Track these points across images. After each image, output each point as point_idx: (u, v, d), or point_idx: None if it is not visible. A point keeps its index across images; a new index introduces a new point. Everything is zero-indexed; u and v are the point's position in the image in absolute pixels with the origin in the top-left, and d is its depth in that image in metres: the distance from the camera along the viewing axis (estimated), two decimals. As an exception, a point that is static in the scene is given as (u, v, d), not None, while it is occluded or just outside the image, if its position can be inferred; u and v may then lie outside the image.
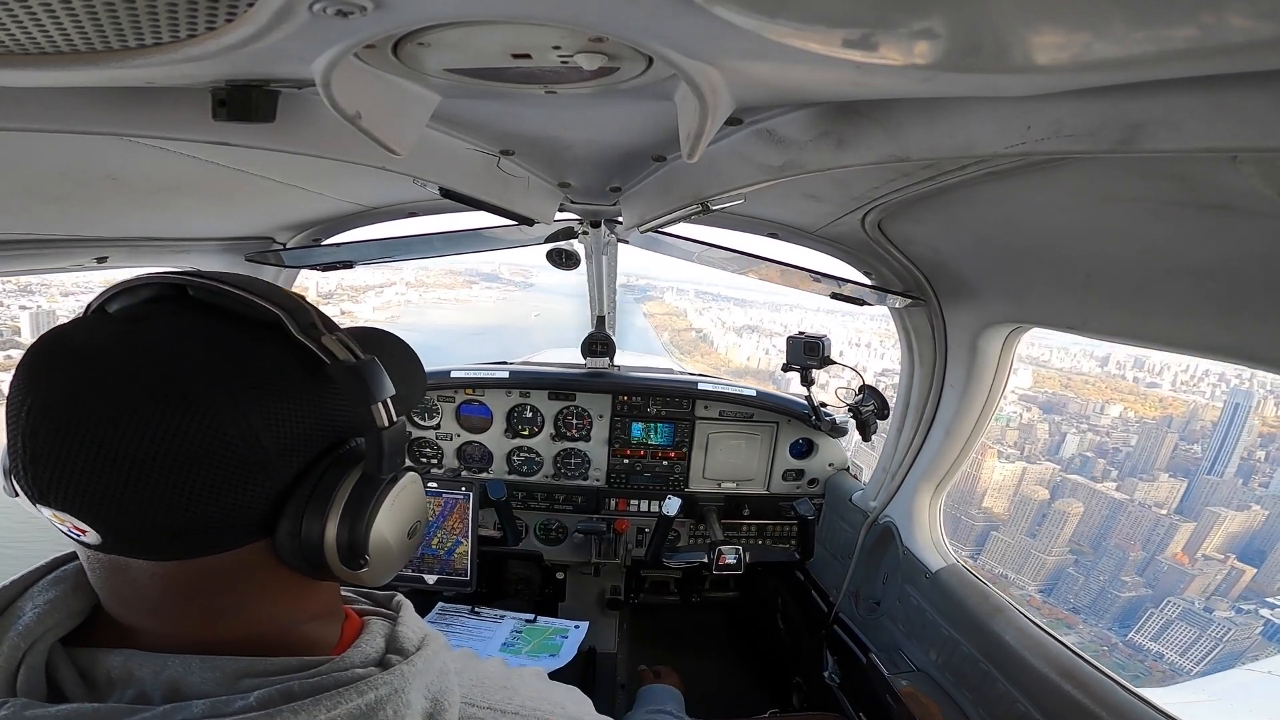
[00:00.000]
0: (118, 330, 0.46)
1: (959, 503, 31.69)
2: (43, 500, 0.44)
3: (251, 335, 0.49)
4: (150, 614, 0.49)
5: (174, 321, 0.48)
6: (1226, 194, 0.78)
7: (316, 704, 0.44)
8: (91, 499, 0.43)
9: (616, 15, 0.53)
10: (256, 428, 0.46)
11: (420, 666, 0.51)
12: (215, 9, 0.50)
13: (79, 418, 0.43)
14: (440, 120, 1.07)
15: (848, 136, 0.86)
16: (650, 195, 1.52)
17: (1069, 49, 0.46)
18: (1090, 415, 36.46)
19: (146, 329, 0.46)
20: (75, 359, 0.44)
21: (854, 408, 2.15)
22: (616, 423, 2.58)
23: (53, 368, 0.44)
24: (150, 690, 0.46)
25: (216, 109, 0.75)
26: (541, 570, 2.62)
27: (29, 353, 0.46)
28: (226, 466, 0.45)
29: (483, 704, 0.58)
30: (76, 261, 1.45)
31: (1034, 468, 32.15)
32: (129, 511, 0.44)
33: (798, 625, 2.57)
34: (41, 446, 0.43)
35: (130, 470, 0.43)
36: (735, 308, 62.00)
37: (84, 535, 0.45)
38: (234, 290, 0.49)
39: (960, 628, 1.66)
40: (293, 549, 0.49)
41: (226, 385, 0.45)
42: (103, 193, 1.22)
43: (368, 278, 54.58)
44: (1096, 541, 30.04)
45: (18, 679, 0.46)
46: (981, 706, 1.54)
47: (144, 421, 0.43)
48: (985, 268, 1.47)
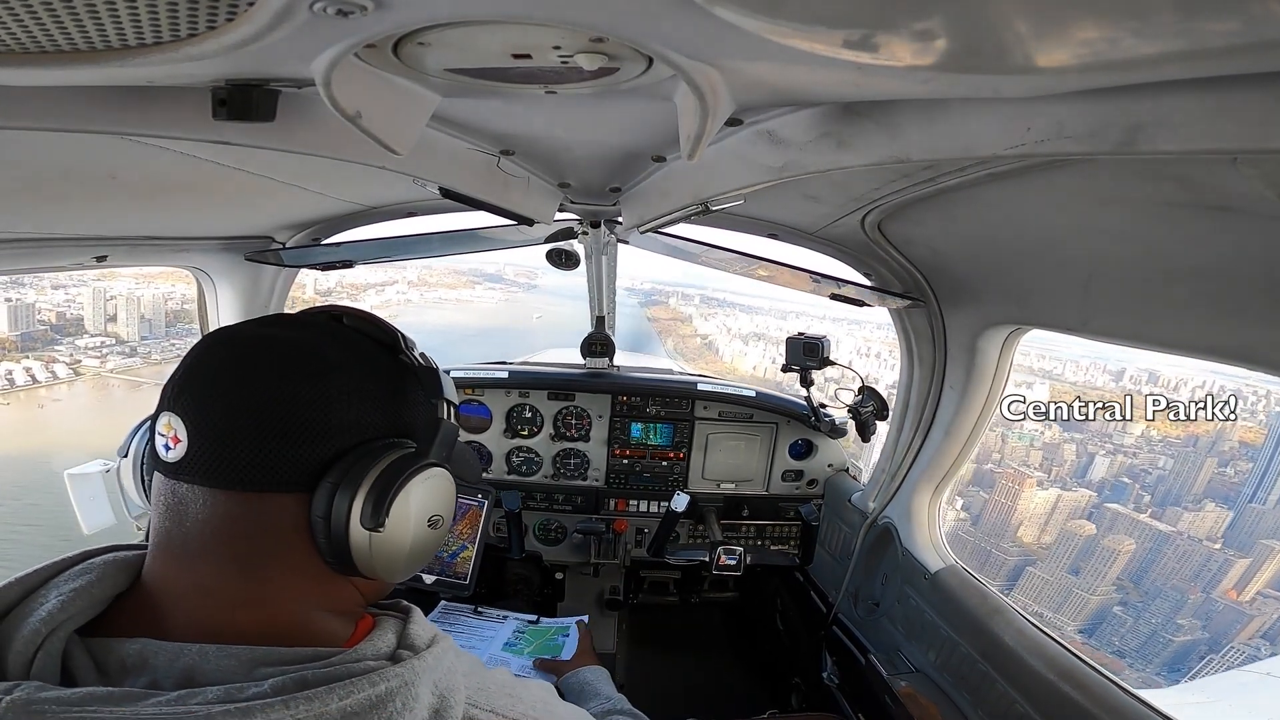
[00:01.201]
0: (284, 326, 0.62)
1: (990, 535, 29.31)
2: (169, 407, 0.55)
3: (376, 344, 0.64)
4: (192, 565, 0.55)
5: (327, 327, 0.63)
6: (1227, 195, 0.78)
7: (330, 692, 0.46)
8: (203, 404, 0.54)
9: (617, 15, 0.53)
10: (354, 402, 0.58)
11: (430, 663, 0.53)
12: (216, 8, 0.50)
13: (231, 365, 0.56)
14: (440, 120, 1.07)
15: (848, 137, 0.86)
16: (650, 195, 1.52)
17: (1069, 50, 0.46)
18: (1113, 434, 33.46)
19: (307, 331, 0.61)
20: (248, 333, 0.59)
21: (853, 408, 2.15)
22: (616, 423, 2.57)
23: (227, 337, 0.59)
24: (163, 678, 0.48)
25: (217, 108, 0.75)
26: (541, 570, 2.62)
27: (208, 333, 0.61)
28: (314, 422, 0.55)
29: (486, 706, 0.60)
30: (76, 260, 1.45)
31: (1069, 495, 29.81)
32: (225, 432, 0.53)
33: (797, 626, 2.57)
34: (195, 375, 0.56)
35: (248, 396, 0.54)
36: (741, 314, 60.67)
37: (175, 447, 0.54)
38: (371, 321, 0.66)
39: (959, 629, 1.66)
40: (326, 497, 0.55)
41: (342, 363, 0.59)
42: (103, 191, 1.22)
43: (369, 275, 54.37)
44: (1139, 576, 27.57)
45: (33, 664, 0.48)
46: (980, 707, 1.54)
47: (274, 370, 0.55)
48: (985, 269, 1.47)
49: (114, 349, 36.84)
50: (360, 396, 0.58)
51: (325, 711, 0.45)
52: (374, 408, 0.59)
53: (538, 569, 2.61)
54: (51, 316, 31.38)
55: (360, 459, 0.56)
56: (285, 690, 0.45)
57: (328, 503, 0.55)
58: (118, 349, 37.01)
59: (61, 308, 34.90)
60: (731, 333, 56.96)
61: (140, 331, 38.22)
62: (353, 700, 0.46)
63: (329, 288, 17.63)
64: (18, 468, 22.63)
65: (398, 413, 0.62)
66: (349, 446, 0.57)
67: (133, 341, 37.60)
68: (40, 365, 33.53)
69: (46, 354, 34.82)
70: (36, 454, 23.98)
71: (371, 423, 0.59)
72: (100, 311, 38.06)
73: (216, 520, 0.54)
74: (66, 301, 37.42)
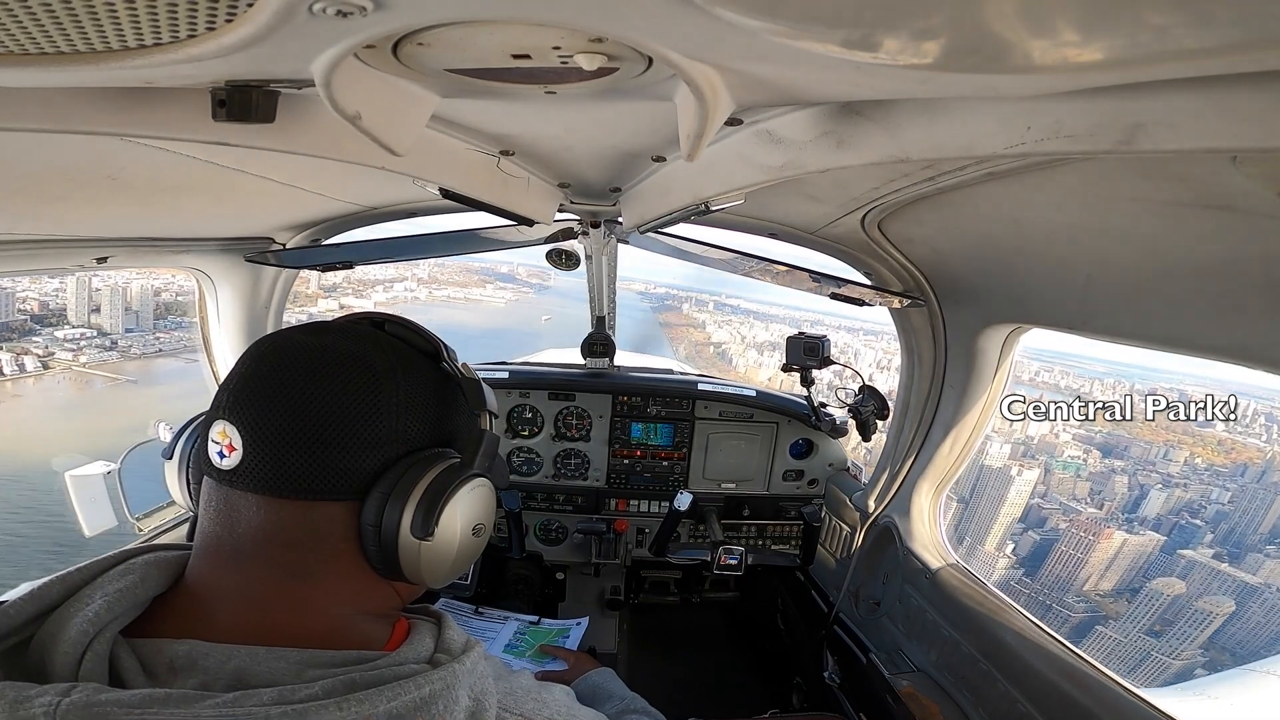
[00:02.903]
0: (334, 333, 0.62)
1: (1051, 588, 25.78)
2: (223, 415, 0.56)
3: (419, 353, 0.65)
4: (241, 568, 0.56)
5: (374, 337, 0.63)
6: (1227, 194, 0.78)
7: (379, 694, 0.48)
8: (261, 414, 0.55)
9: (616, 15, 0.53)
10: (401, 412, 0.59)
11: (468, 666, 0.55)
12: (215, 9, 0.49)
13: (286, 375, 0.56)
14: (440, 120, 1.07)
15: (847, 137, 0.86)
16: (650, 195, 1.52)
17: (1069, 49, 0.46)
18: (1156, 460, 30.72)
19: (358, 343, 0.61)
20: (299, 342, 0.60)
21: (854, 408, 2.15)
22: (616, 423, 2.58)
23: (279, 346, 0.60)
24: (213, 679, 0.49)
25: (216, 109, 0.75)
26: (541, 570, 2.62)
27: (258, 340, 0.62)
28: (366, 432, 0.57)
29: (515, 710, 0.62)
30: (77, 261, 1.46)
31: (1135, 539, 26.44)
32: (282, 435, 0.55)
33: (797, 625, 2.57)
34: (251, 384, 0.57)
35: (303, 407, 0.55)
36: (756, 322, 58.96)
37: (230, 455, 0.55)
38: (411, 328, 0.67)
39: (960, 628, 1.66)
40: (376, 506, 0.57)
41: (390, 371, 0.60)
42: (103, 193, 1.22)
43: (378, 272, 53.53)
44: (1229, 638, 24.04)
45: (82, 664, 0.48)
46: (982, 707, 1.54)
47: (330, 378, 0.57)
48: (985, 268, 1.47)
49: (92, 342, 34.95)
50: (409, 407, 0.60)
51: (374, 713, 0.47)
52: (420, 417, 0.62)
53: (538, 569, 2.61)
54: (34, 306, 29.81)
55: (410, 469, 0.59)
56: (336, 693, 0.47)
57: (379, 512, 0.57)
58: (97, 342, 35.11)
59: (48, 297, 32.91)
60: (745, 341, 55.52)
61: (125, 324, 36.21)
62: (399, 703, 0.48)
63: (334, 283, 16.88)
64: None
65: (441, 422, 0.64)
66: (397, 456, 0.59)
67: (115, 334, 35.62)
68: (10, 358, 31.46)
69: (20, 345, 32.83)
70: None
71: (419, 432, 0.61)
72: (85, 302, 36.06)
73: (270, 527, 0.55)
74: (57, 290, 34.95)
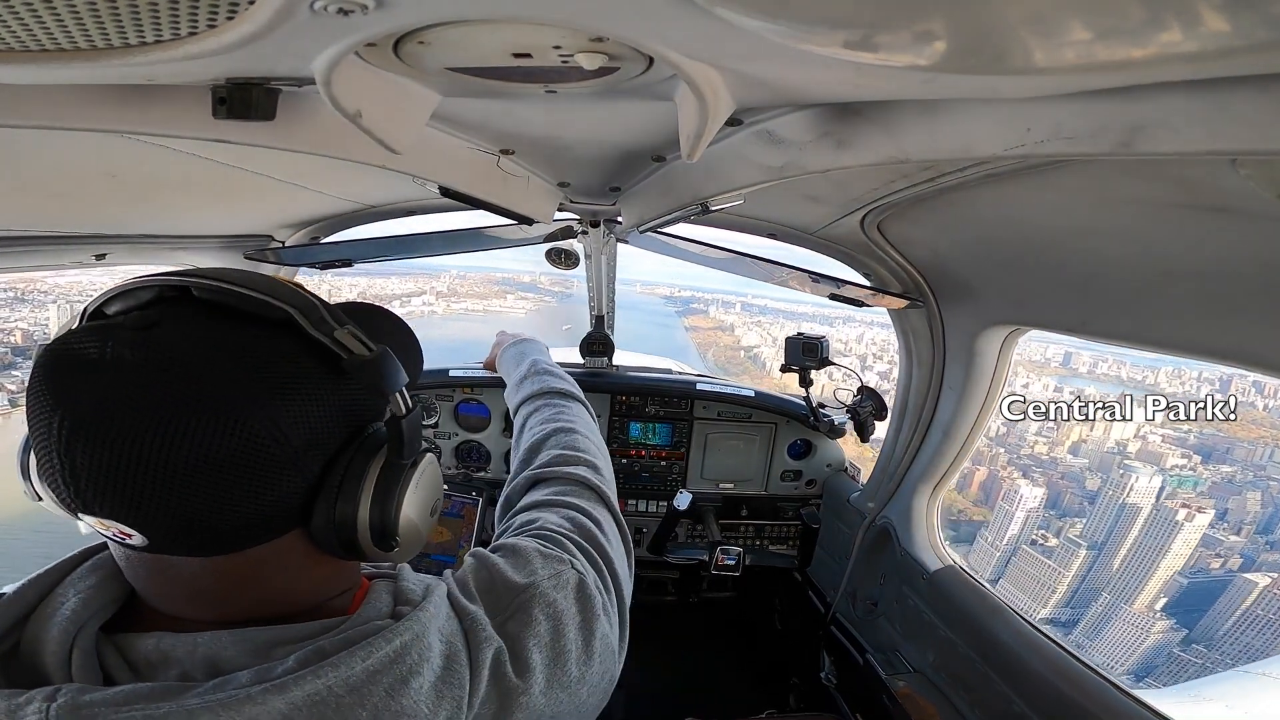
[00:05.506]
0: (133, 337, 0.45)
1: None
2: (87, 510, 0.45)
3: (268, 335, 0.49)
4: (190, 602, 0.51)
5: (189, 327, 0.47)
6: (1226, 197, 0.78)
7: (352, 656, 0.47)
8: (137, 507, 0.44)
9: (617, 15, 0.53)
10: (285, 428, 0.47)
11: (431, 611, 0.54)
12: (216, 7, 0.49)
13: (116, 431, 0.43)
14: (440, 119, 1.07)
15: (847, 137, 0.86)
16: (650, 195, 1.53)
17: (1069, 51, 0.46)
18: (1266, 465, 26.27)
19: (162, 335, 0.46)
20: (98, 369, 0.44)
21: (852, 408, 2.15)
22: (615, 423, 2.57)
23: (77, 379, 0.44)
24: (191, 669, 0.48)
25: (217, 107, 0.75)
26: None
27: (45, 364, 0.45)
28: (261, 468, 0.46)
29: (482, 633, 0.60)
30: (76, 259, 1.45)
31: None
32: (174, 516, 0.45)
33: (795, 626, 2.57)
34: (81, 460, 0.43)
35: (172, 479, 0.44)
36: (787, 321, 56.96)
37: (130, 539, 0.46)
38: (241, 289, 0.48)
39: (957, 629, 1.66)
40: (327, 536, 0.52)
41: (253, 390, 0.46)
42: (102, 190, 1.22)
43: (397, 287, 52.05)
44: None
45: (71, 664, 0.47)
46: (978, 707, 1.54)
47: (180, 432, 0.43)
48: (984, 269, 1.47)
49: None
50: (294, 420, 0.48)
51: (352, 674, 0.47)
52: (318, 409, 0.50)
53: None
54: (18, 338, 27.75)
55: (344, 486, 0.51)
56: (309, 663, 0.47)
57: (333, 539, 0.52)
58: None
59: (40, 326, 30.80)
60: (777, 344, 54.63)
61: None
62: (374, 659, 0.48)
63: (348, 297, 15.98)
64: None
65: (348, 401, 0.52)
66: (320, 470, 0.51)
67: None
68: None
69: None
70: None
71: (326, 434, 0.51)
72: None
73: (206, 577, 0.49)
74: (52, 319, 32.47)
